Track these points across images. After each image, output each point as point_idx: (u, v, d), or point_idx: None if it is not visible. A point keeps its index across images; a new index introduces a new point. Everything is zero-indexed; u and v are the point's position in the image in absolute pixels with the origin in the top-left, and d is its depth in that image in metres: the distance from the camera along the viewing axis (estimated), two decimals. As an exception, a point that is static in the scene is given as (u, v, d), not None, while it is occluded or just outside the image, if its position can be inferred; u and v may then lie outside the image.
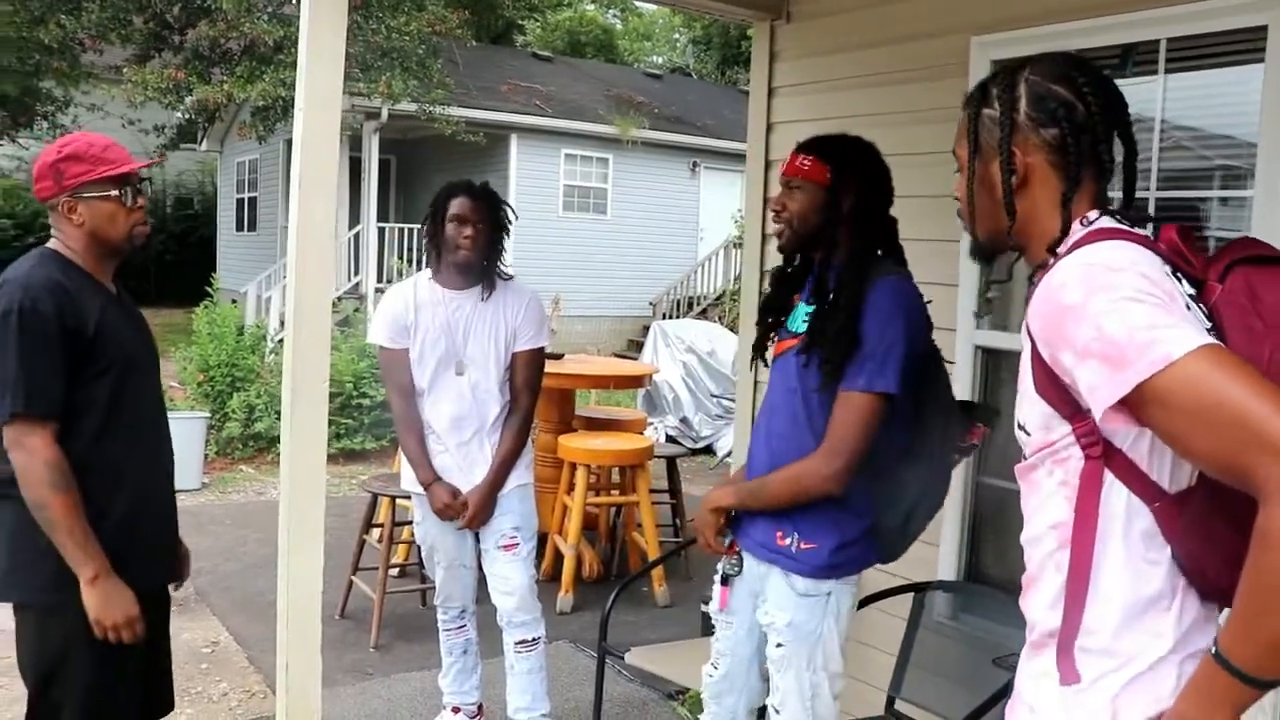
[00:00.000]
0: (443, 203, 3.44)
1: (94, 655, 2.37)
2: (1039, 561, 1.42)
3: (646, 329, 15.54)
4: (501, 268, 3.57)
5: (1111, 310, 1.23)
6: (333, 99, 2.71)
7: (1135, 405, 1.22)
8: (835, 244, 2.41)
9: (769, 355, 2.57)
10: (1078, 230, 1.41)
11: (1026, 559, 1.46)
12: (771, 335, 2.57)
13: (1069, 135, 1.43)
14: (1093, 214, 1.42)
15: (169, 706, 2.81)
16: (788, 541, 2.39)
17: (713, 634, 2.69)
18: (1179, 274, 1.34)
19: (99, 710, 2.43)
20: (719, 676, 2.66)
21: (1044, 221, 1.46)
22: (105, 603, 2.32)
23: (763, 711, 2.64)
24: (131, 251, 2.54)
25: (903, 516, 2.43)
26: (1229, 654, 1.16)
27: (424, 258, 3.57)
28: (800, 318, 2.46)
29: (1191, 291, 1.33)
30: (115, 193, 2.43)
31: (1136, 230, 1.39)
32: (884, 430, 2.32)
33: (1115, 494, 1.32)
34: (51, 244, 2.47)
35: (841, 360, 2.28)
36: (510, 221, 3.59)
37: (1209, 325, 1.29)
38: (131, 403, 2.47)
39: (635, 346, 16.02)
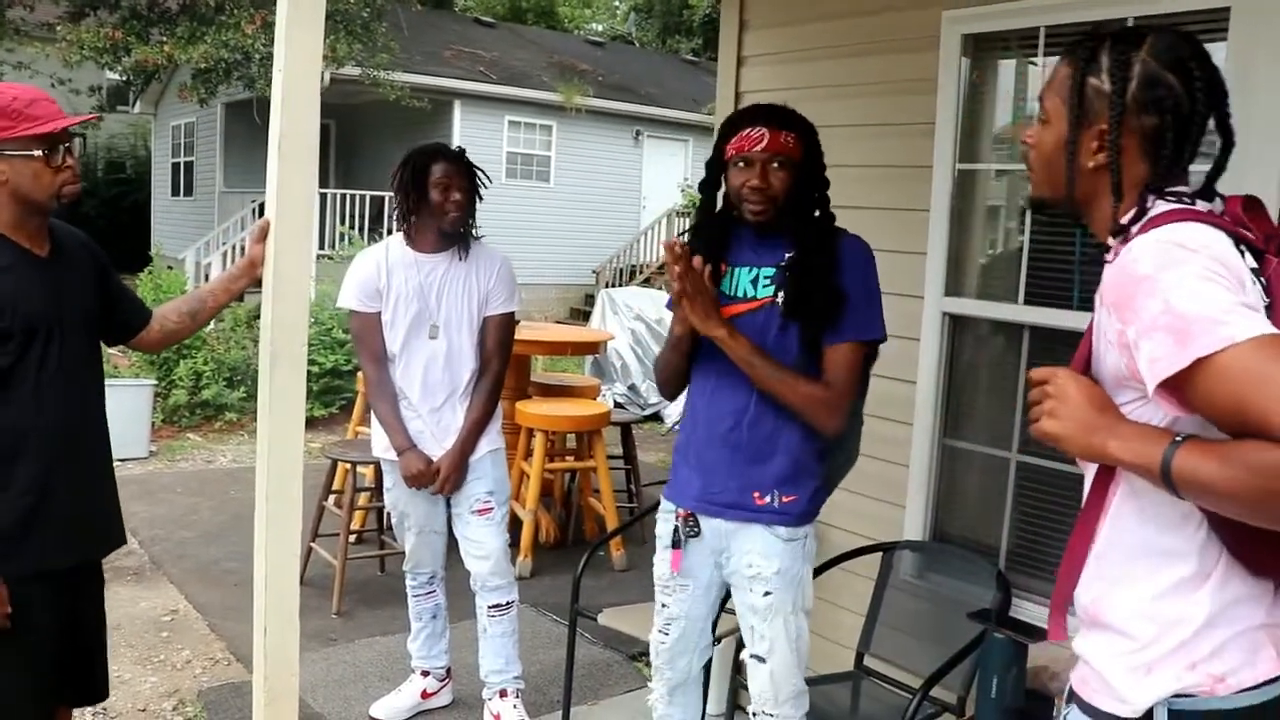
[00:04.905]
0: (424, 167, 3.43)
1: None
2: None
3: (589, 297, 15.53)
4: (474, 231, 3.60)
5: (1180, 286, 1.26)
6: (313, 61, 2.68)
7: (1185, 382, 1.24)
8: (805, 211, 2.51)
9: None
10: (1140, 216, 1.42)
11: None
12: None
13: (1169, 130, 1.42)
14: (1149, 200, 1.42)
15: (100, 694, 2.68)
16: (767, 499, 2.49)
17: None
18: (1242, 247, 1.35)
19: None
20: (672, 640, 2.70)
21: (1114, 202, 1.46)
22: None
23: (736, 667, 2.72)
24: (60, 209, 2.39)
25: (846, 453, 2.69)
26: (1175, 458, 1.24)
27: (367, 223, 3.56)
28: (748, 282, 2.52)
29: (1254, 265, 1.34)
30: (38, 152, 2.27)
31: (1200, 208, 1.39)
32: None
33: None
34: None
35: (832, 316, 2.42)
36: (484, 186, 3.62)
37: (1266, 301, 1.32)
38: (34, 370, 2.33)
39: (578, 314, 16.01)
